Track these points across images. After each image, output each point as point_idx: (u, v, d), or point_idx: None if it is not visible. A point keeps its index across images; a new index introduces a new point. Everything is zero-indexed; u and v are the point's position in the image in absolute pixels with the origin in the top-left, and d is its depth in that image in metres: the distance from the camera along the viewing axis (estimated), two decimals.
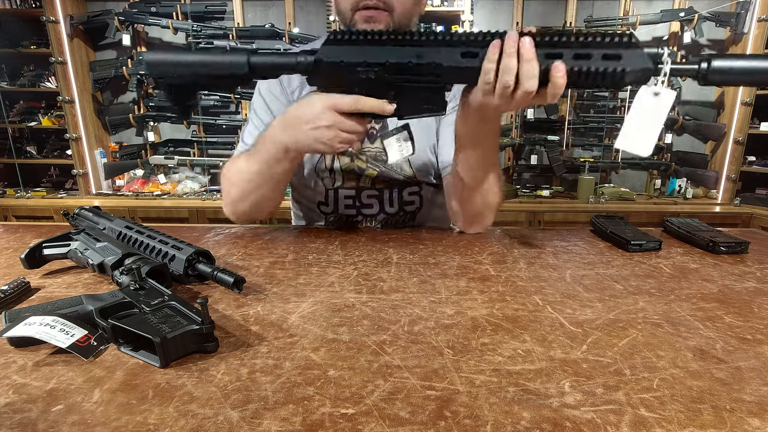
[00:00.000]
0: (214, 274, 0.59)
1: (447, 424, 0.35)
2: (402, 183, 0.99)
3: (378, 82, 0.65)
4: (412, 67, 0.63)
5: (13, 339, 0.45)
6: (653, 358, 0.44)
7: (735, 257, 0.76)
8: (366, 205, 1.01)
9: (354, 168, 0.98)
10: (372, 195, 1.00)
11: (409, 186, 1.00)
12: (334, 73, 0.65)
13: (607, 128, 2.92)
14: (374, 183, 0.99)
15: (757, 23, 2.59)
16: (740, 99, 2.70)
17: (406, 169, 0.97)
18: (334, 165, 0.98)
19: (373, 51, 0.63)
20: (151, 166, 3.03)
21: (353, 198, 1.00)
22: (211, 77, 0.68)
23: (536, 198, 2.90)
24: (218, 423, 0.35)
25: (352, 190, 0.99)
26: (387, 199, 1.00)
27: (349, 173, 0.98)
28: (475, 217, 0.88)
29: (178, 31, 2.81)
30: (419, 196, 1.01)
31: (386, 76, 0.64)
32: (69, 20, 2.75)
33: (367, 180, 0.99)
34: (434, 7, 2.71)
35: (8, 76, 2.94)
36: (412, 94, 0.66)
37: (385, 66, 0.63)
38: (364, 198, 1.00)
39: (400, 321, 0.52)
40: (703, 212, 2.68)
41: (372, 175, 0.98)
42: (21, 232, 0.89)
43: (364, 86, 0.66)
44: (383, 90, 0.66)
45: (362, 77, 0.65)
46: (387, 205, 1.01)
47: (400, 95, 0.66)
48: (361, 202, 1.00)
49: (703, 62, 0.56)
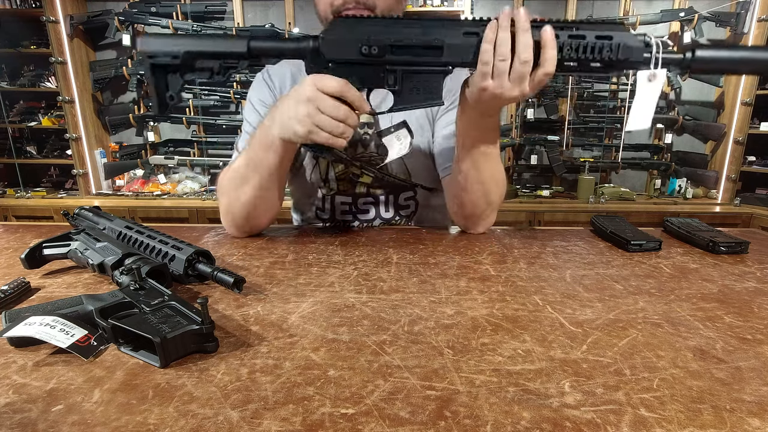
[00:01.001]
0: (214, 274, 0.59)
1: (447, 424, 0.35)
2: (397, 187, 0.99)
3: (380, 67, 0.65)
4: (417, 46, 0.63)
5: (13, 339, 0.45)
6: (653, 358, 0.44)
7: (735, 257, 0.76)
8: (362, 211, 1.01)
9: (348, 175, 0.98)
10: (368, 201, 1.01)
11: (405, 191, 1.00)
12: (337, 52, 0.64)
13: (607, 128, 2.92)
14: (369, 189, 0.99)
15: (757, 23, 2.59)
16: (740, 99, 2.70)
17: (400, 173, 0.97)
18: (329, 173, 0.98)
19: (378, 29, 0.63)
20: (151, 166, 3.03)
21: (349, 204, 1.01)
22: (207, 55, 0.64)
23: (536, 198, 2.90)
24: (218, 423, 0.35)
25: (348, 197, 1.00)
26: (383, 204, 1.01)
27: (344, 180, 0.98)
28: (478, 217, 0.87)
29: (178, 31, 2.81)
30: (414, 201, 1.02)
31: (390, 57, 0.64)
32: (69, 20, 2.75)
33: (362, 186, 0.99)
34: (434, 7, 2.72)
35: (8, 76, 2.94)
36: (412, 81, 0.66)
37: (389, 41, 0.63)
38: (360, 204, 1.01)
39: (400, 321, 0.52)
40: (703, 212, 2.68)
41: (367, 182, 0.98)
42: (21, 232, 0.89)
43: (366, 72, 0.65)
44: (384, 76, 0.66)
45: (365, 57, 0.64)
46: (383, 210, 1.01)
47: (400, 83, 0.66)
48: (358, 208, 1.01)
49: (687, 52, 0.58)
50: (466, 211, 0.87)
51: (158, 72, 0.65)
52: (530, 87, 0.62)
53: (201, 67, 0.65)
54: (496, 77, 0.62)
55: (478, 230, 0.90)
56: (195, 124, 3.00)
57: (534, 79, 0.62)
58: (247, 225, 0.86)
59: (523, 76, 0.61)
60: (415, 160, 0.96)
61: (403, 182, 0.98)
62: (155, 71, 0.65)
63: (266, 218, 0.88)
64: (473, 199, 0.84)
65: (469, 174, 0.81)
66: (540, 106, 2.92)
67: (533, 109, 2.91)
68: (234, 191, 0.83)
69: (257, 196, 0.82)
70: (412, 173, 0.98)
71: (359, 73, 0.65)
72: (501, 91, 0.63)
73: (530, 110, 2.91)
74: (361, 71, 0.65)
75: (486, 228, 0.90)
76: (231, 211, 0.85)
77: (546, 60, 0.60)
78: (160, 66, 0.65)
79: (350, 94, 0.65)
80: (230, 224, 0.87)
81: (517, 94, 0.63)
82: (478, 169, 0.80)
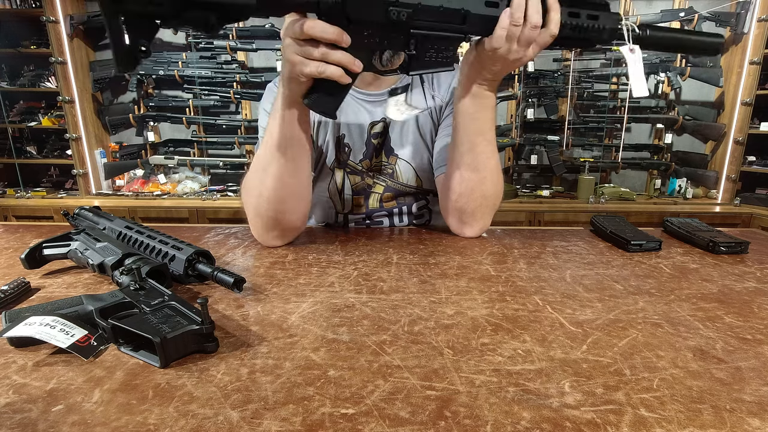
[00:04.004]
0: (214, 275, 0.59)
1: (447, 424, 0.35)
2: (410, 197, 1.00)
3: (402, 31, 0.64)
4: (442, 12, 0.63)
5: (13, 339, 0.45)
6: (653, 358, 0.44)
7: (735, 257, 0.76)
8: (376, 222, 1.02)
9: (363, 186, 0.98)
10: (381, 215, 1.01)
11: (417, 201, 1.01)
12: (364, 13, 0.60)
13: (607, 128, 2.92)
14: (382, 202, 1.00)
15: (757, 23, 2.59)
16: (740, 99, 2.70)
17: (411, 181, 0.98)
18: (344, 188, 0.98)
19: None
20: (151, 166, 3.03)
21: (363, 217, 1.02)
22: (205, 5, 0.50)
23: (536, 198, 2.90)
24: (218, 423, 0.35)
25: (362, 214, 1.01)
26: (397, 215, 1.01)
27: (359, 193, 0.99)
28: (471, 214, 0.83)
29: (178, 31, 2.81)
30: (428, 209, 1.02)
31: (414, 21, 0.63)
32: (69, 20, 2.74)
33: (376, 199, 0.99)
34: None
35: (8, 76, 2.93)
36: (430, 46, 0.66)
37: (418, 8, 0.62)
38: (375, 218, 1.02)
39: (400, 321, 0.52)
40: (703, 212, 2.68)
41: (379, 192, 0.99)
42: (21, 232, 0.89)
43: (389, 35, 0.64)
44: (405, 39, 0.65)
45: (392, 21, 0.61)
46: (397, 220, 1.02)
47: (418, 47, 0.66)
48: (372, 220, 1.02)
49: (641, 28, 0.70)
50: (459, 206, 0.83)
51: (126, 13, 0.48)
52: (533, 51, 0.67)
53: (192, 19, 0.50)
54: (507, 40, 0.65)
55: (471, 232, 0.86)
56: (195, 124, 3.00)
57: (538, 42, 0.66)
58: (278, 223, 0.78)
59: (531, 40, 0.65)
60: (424, 165, 0.97)
61: (414, 189, 0.98)
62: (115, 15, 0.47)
63: (297, 211, 0.79)
64: (467, 190, 0.81)
65: (464, 158, 0.79)
66: (540, 106, 2.92)
67: (533, 109, 2.91)
68: (258, 183, 0.77)
69: (282, 181, 0.75)
70: (423, 180, 0.98)
71: (382, 35, 0.64)
72: (508, 54, 0.67)
73: (530, 110, 2.90)
74: (385, 33, 0.64)
75: (481, 231, 0.87)
76: (258, 211, 0.78)
77: (551, 21, 0.64)
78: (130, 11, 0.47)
79: (319, 29, 0.59)
80: (260, 227, 0.79)
81: (521, 56, 0.67)
82: (475, 153, 0.78)
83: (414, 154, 0.96)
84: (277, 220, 0.78)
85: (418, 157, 0.96)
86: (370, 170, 0.97)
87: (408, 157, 0.96)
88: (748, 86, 2.67)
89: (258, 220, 0.79)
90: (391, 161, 0.97)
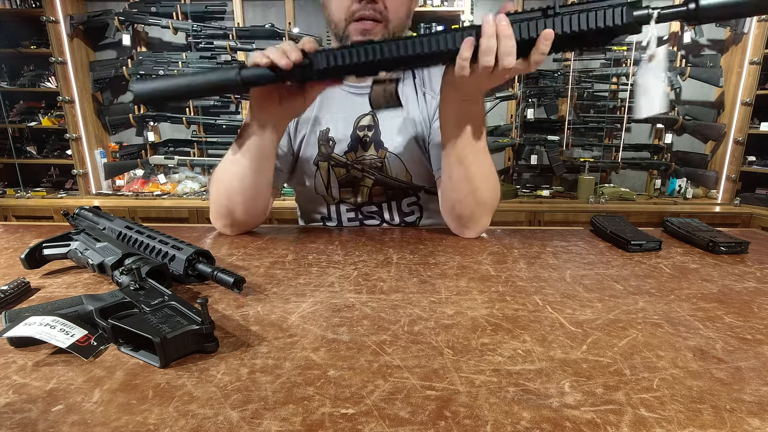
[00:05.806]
0: (214, 274, 0.59)
1: (447, 424, 0.35)
2: (399, 192, 1.00)
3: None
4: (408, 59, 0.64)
5: (13, 339, 0.45)
6: (653, 358, 0.44)
7: (735, 257, 0.76)
8: (368, 217, 1.02)
9: (350, 179, 0.98)
10: (372, 211, 1.01)
11: (407, 196, 1.00)
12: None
13: (607, 128, 2.92)
14: (372, 196, 0.99)
15: (757, 23, 2.59)
16: (740, 99, 2.70)
17: (400, 174, 0.97)
18: (330, 180, 0.98)
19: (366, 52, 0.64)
20: (151, 166, 3.03)
21: (355, 211, 1.01)
22: (203, 91, 0.69)
23: (536, 198, 2.90)
24: (218, 423, 0.35)
25: (351, 204, 1.01)
26: (387, 211, 1.01)
27: (346, 185, 0.99)
28: (468, 218, 0.84)
29: (178, 31, 2.81)
30: (418, 206, 1.02)
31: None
32: (69, 20, 2.75)
33: (365, 191, 0.99)
34: (434, 7, 2.71)
35: (8, 76, 2.94)
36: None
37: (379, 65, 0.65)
38: (365, 212, 1.01)
39: (400, 321, 0.52)
40: (703, 212, 2.68)
41: (368, 185, 0.98)
42: (21, 232, 0.89)
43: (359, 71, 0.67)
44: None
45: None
46: (387, 217, 1.01)
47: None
48: (363, 214, 1.01)
49: (690, 3, 0.57)
50: (456, 212, 0.85)
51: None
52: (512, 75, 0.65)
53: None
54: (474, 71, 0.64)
55: (471, 234, 0.86)
56: (195, 124, 3.00)
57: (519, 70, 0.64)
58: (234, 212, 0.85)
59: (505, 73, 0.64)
60: (414, 160, 0.96)
61: (403, 184, 0.98)
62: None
63: (254, 210, 0.86)
64: (461, 198, 0.82)
65: (453, 170, 0.80)
66: (540, 106, 2.92)
67: (533, 109, 2.91)
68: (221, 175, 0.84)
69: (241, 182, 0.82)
70: (412, 174, 0.98)
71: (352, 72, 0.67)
72: (479, 81, 0.66)
73: (530, 110, 2.91)
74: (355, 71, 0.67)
75: (479, 233, 0.87)
76: (218, 200, 0.85)
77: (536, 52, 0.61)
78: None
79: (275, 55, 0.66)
80: (213, 212, 0.87)
81: (497, 82, 0.66)
82: (464, 165, 0.79)
83: (404, 148, 0.96)
84: (232, 208, 0.85)
85: (407, 152, 0.96)
86: (356, 162, 0.97)
87: (398, 151, 0.96)
88: (748, 86, 2.67)
89: (213, 206, 0.87)
90: (381, 155, 0.96)
